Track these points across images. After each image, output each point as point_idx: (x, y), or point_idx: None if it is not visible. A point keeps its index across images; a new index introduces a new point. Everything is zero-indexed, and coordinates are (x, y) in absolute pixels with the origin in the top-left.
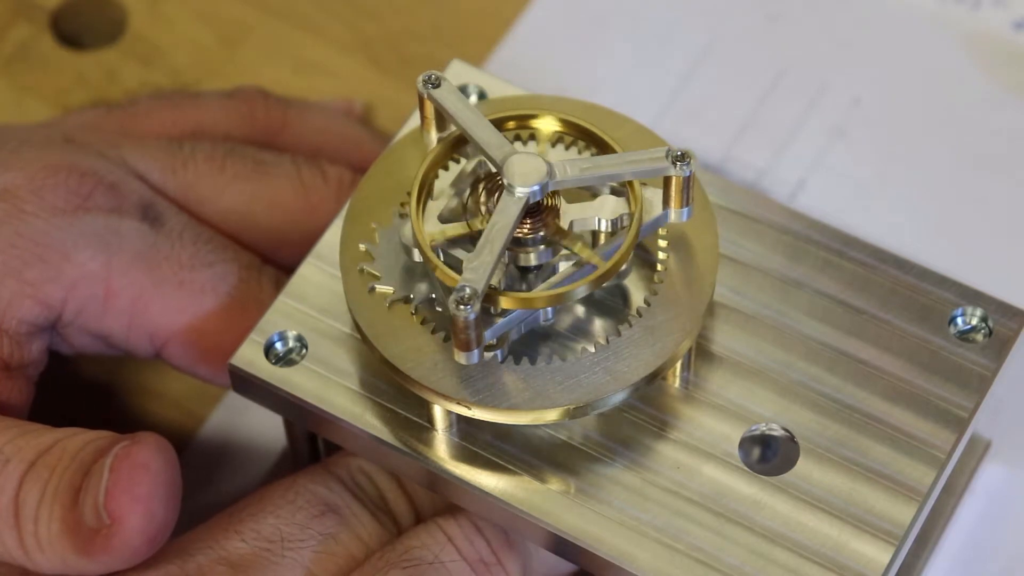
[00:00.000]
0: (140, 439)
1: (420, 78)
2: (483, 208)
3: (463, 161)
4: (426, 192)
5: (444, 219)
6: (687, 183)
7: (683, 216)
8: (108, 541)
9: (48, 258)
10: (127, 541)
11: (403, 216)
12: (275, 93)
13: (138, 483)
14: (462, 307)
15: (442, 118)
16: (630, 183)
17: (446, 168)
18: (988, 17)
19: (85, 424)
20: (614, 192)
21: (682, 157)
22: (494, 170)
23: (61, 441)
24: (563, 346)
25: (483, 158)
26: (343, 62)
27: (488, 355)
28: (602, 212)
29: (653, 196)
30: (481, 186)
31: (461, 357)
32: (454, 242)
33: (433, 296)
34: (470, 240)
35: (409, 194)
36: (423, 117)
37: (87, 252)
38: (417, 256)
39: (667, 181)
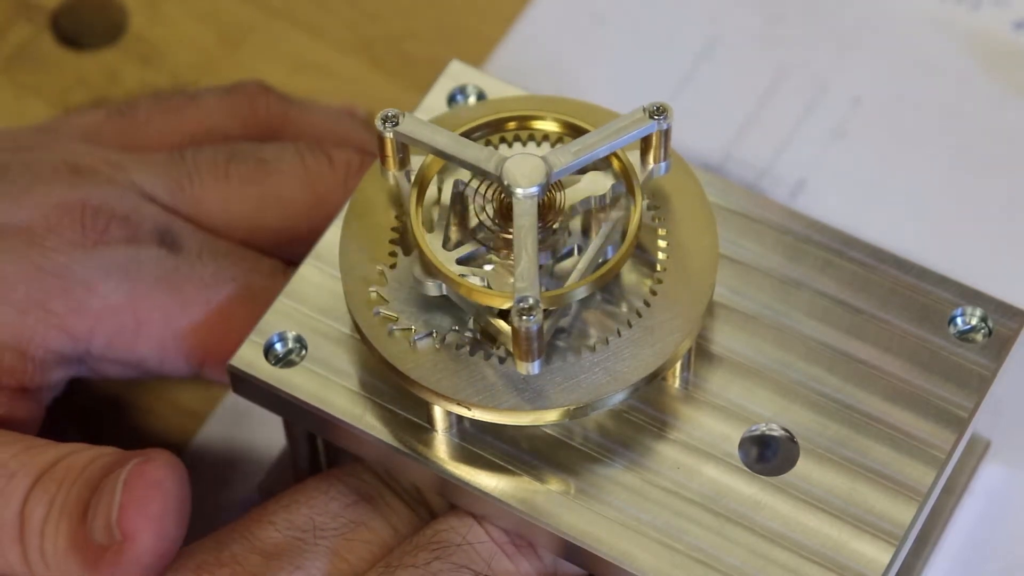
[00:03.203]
0: (152, 456)
1: (378, 119)
2: (487, 221)
3: (432, 188)
4: (423, 226)
5: (448, 246)
6: (666, 136)
7: (662, 170)
8: (118, 558)
9: (71, 290)
10: (138, 559)
11: (394, 255)
12: (275, 91)
13: (152, 501)
14: (526, 318)
15: (405, 154)
16: (611, 155)
17: None
18: (988, 17)
19: (86, 422)
20: (583, 171)
21: (659, 111)
22: (490, 180)
23: (68, 456)
24: (563, 346)
25: (457, 178)
26: (343, 62)
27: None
28: (595, 190)
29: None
30: (471, 202)
31: (524, 368)
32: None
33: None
34: (472, 259)
35: (402, 233)
36: (383, 156)
37: (110, 284)
38: (432, 290)
39: (646, 139)
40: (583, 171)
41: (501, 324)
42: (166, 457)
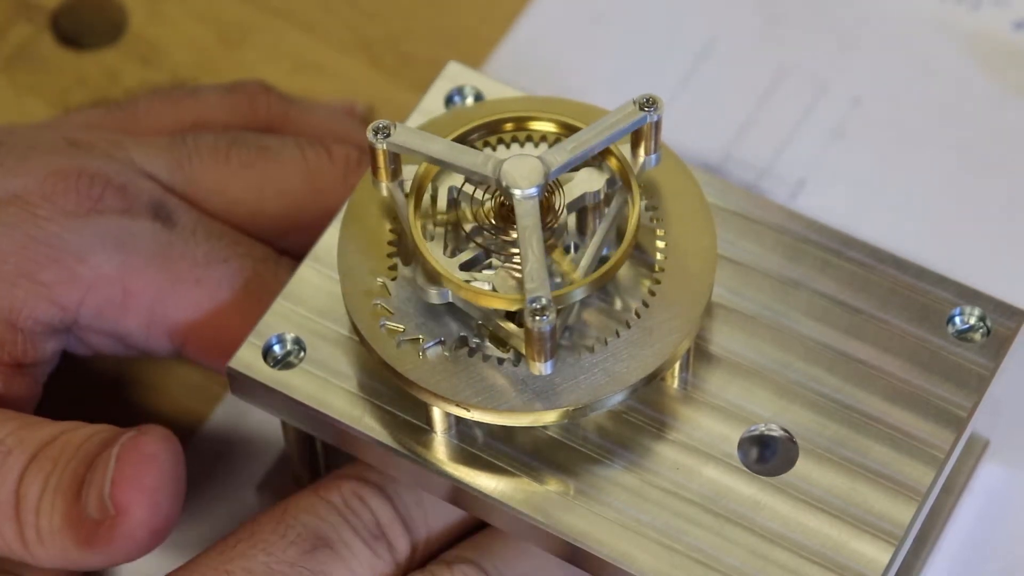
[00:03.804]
0: (147, 430)
1: (369, 131)
2: (486, 224)
3: (426, 195)
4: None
5: (449, 252)
6: (657, 127)
7: (652, 162)
8: (111, 532)
9: (62, 260)
10: (131, 532)
11: (392, 257)
12: (276, 90)
13: (145, 474)
14: (539, 318)
15: (397, 164)
16: (605, 151)
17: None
18: (988, 17)
19: (85, 420)
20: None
21: (649, 103)
22: (488, 184)
23: (65, 433)
24: (562, 347)
25: (452, 184)
26: (343, 62)
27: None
28: (589, 186)
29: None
30: (469, 206)
31: (537, 368)
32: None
33: (462, 336)
34: (474, 263)
35: (399, 236)
36: (375, 168)
37: (102, 255)
38: (437, 298)
39: (636, 132)
40: (575, 168)
41: (510, 326)
42: (160, 432)
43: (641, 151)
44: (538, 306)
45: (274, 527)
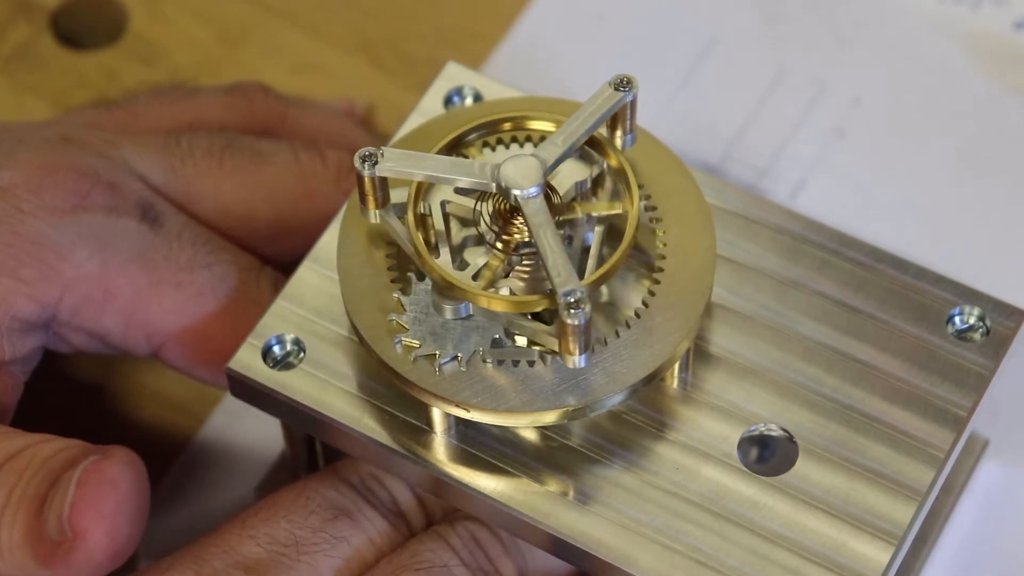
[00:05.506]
0: (111, 453)
1: (357, 158)
2: (488, 230)
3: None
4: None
5: (456, 264)
6: (632, 107)
7: (629, 142)
8: (69, 555)
9: (44, 257)
10: (89, 557)
11: (392, 258)
12: (274, 91)
13: (105, 499)
14: (575, 311)
15: (385, 190)
16: (592, 142)
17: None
18: (988, 17)
19: (84, 423)
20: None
21: (624, 83)
22: (489, 190)
23: (31, 447)
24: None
25: (443, 199)
26: (343, 62)
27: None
28: (577, 175)
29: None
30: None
31: (571, 361)
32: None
33: (475, 351)
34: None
35: (402, 260)
36: (363, 195)
37: (84, 252)
38: (455, 313)
39: (613, 115)
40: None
41: (536, 325)
42: (124, 454)
43: (618, 132)
44: (572, 299)
45: (295, 498)
